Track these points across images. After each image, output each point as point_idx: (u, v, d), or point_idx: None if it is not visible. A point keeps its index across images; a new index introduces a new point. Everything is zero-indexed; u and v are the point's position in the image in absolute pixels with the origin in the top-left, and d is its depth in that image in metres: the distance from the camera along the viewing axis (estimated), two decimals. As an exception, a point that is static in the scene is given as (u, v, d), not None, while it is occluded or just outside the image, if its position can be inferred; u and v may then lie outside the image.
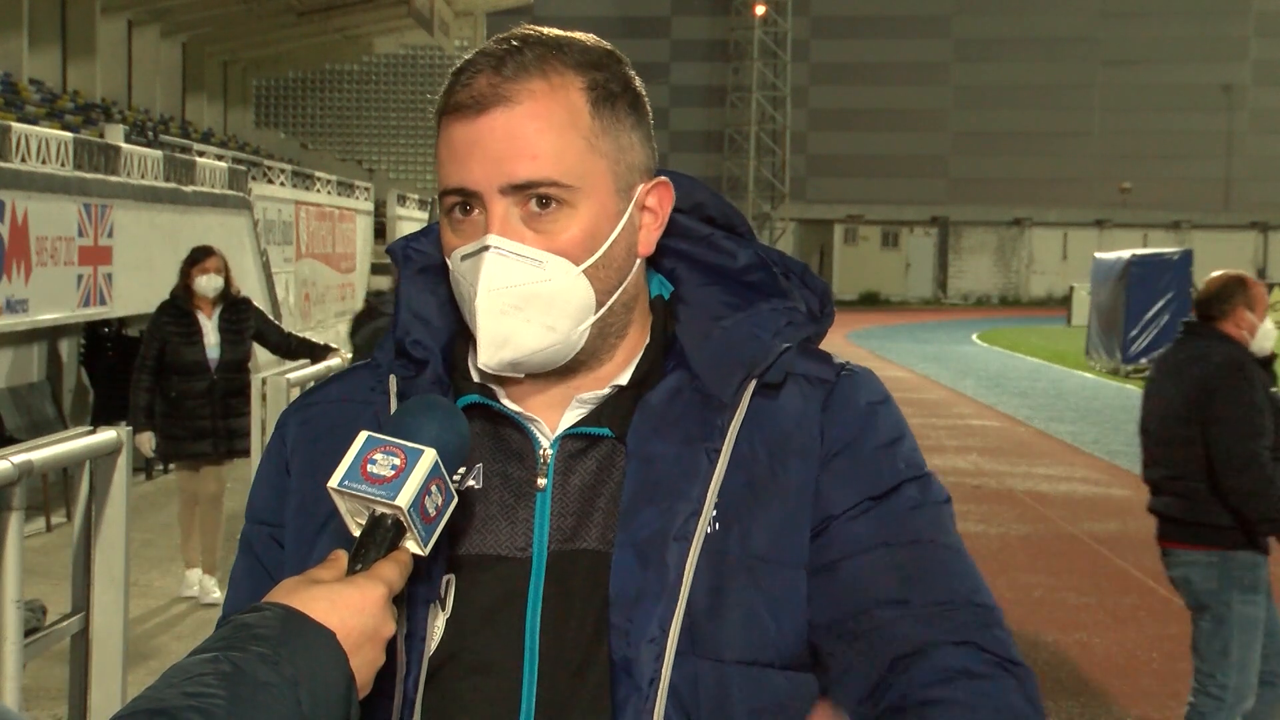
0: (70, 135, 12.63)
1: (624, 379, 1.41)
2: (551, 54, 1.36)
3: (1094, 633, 7.48)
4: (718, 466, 1.36)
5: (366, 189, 25.39)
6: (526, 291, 1.34)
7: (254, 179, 18.25)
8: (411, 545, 1.27)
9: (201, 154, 17.96)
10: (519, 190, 1.33)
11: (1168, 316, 23.70)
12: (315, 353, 8.57)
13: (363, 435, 1.27)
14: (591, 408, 1.40)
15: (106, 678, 4.20)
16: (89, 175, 12.39)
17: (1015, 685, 1.31)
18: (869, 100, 65.25)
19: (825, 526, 1.37)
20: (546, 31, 1.38)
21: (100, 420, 11.12)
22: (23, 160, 11.24)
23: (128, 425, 4.39)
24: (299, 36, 34.94)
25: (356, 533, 1.27)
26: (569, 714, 1.33)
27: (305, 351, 8.62)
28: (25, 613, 3.68)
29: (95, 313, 12.22)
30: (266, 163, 20.75)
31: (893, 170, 64.78)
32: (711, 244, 1.48)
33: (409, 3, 33.82)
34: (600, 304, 1.37)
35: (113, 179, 12.94)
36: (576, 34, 1.41)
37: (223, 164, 17.01)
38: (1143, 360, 23.87)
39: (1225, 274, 5.01)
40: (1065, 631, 7.50)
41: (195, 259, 8.23)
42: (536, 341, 1.35)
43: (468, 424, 1.32)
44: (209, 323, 8.19)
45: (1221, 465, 4.66)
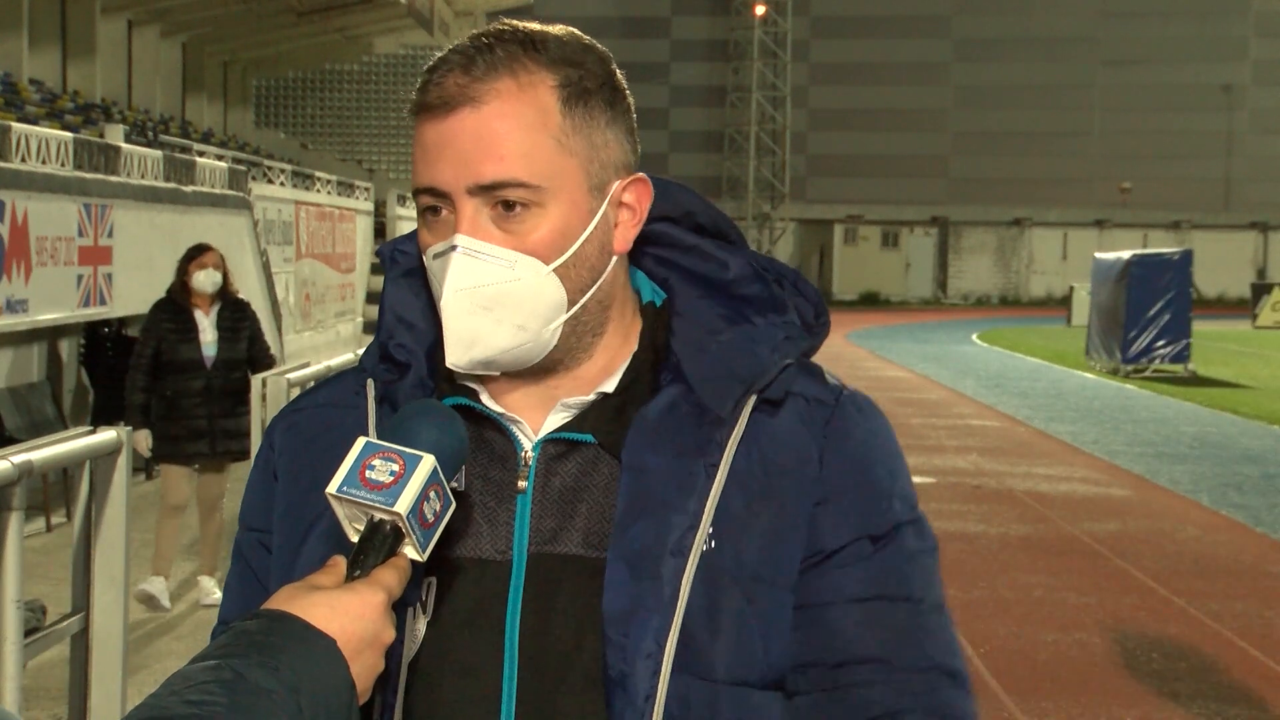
0: (70, 135, 12.62)
1: (610, 385, 1.39)
2: (523, 51, 1.33)
3: (1094, 633, 7.48)
4: (715, 481, 1.35)
5: (366, 189, 25.39)
6: (495, 291, 1.33)
7: (254, 179, 18.24)
8: (410, 551, 1.26)
9: (201, 154, 17.95)
10: (487, 191, 1.32)
11: (1168, 316, 23.69)
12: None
13: (361, 441, 1.26)
14: (575, 412, 1.39)
15: (106, 678, 4.20)
16: (89, 175, 12.38)
17: None
18: (869, 100, 65.25)
19: (818, 561, 1.37)
20: (522, 27, 1.36)
21: (100, 420, 11.11)
22: (23, 160, 11.24)
23: (126, 425, 4.39)
24: (299, 36, 34.92)
25: (354, 539, 1.26)
26: (549, 716, 1.32)
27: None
28: (25, 613, 3.68)
29: (95, 313, 12.21)
30: (266, 163, 20.74)
31: (893, 170, 64.77)
32: (701, 253, 1.46)
33: (409, 3, 33.80)
34: (572, 302, 1.36)
35: (113, 179, 12.93)
36: (554, 29, 1.38)
37: (223, 164, 17.00)
38: (1143, 360, 23.91)
39: None
40: (1065, 631, 7.49)
41: (193, 254, 8.07)
42: (506, 341, 1.34)
43: (465, 429, 1.31)
44: (206, 320, 8.01)
45: None
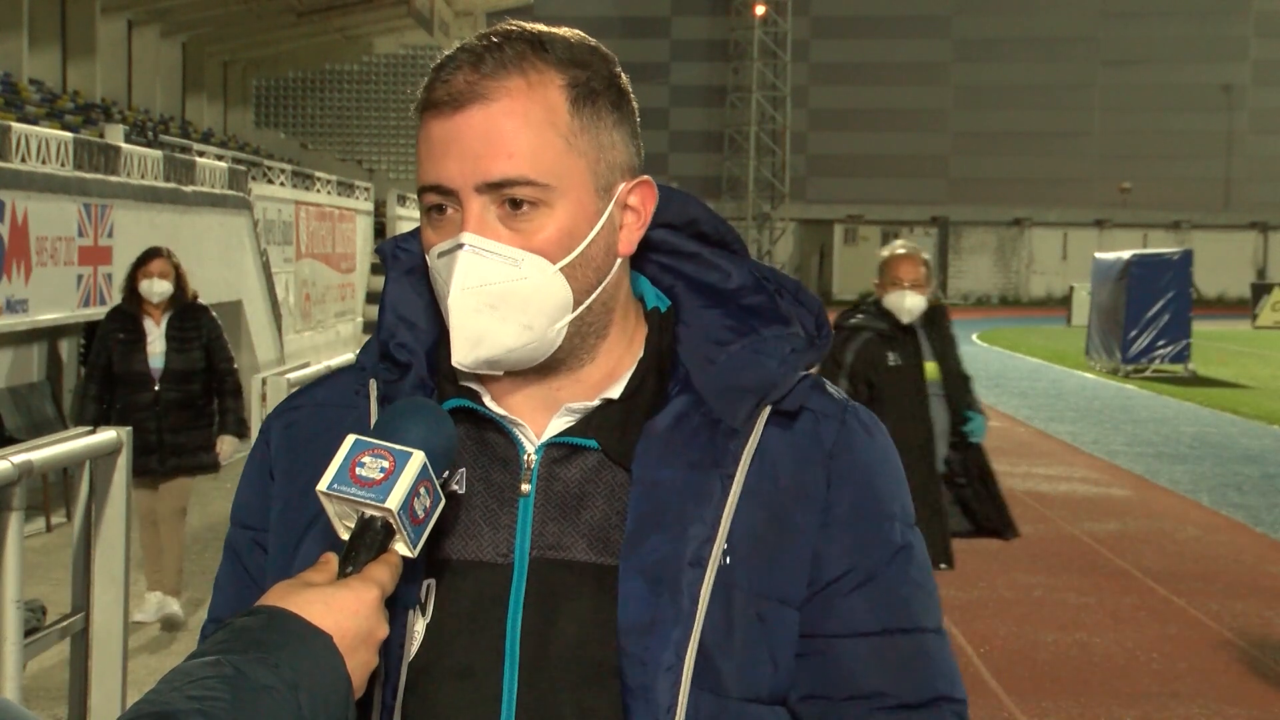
0: (70, 135, 12.63)
1: (615, 391, 1.39)
2: (532, 51, 1.33)
3: (1094, 633, 7.47)
4: (731, 494, 1.35)
5: (366, 189, 25.37)
6: (502, 290, 1.32)
7: (254, 179, 18.23)
8: (400, 547, 1.26)
9: (201, 154, 17.93)
10: (495, 189, 1.31)
11: (1168, 316, 23.69)
12: (224, 404, 7.67)
13: (350, 438, 1.26)
14: (579, 417, 1.39)
15: (106, 678, 4.20)
16: (89, 175, 12.39)
17: None
18: (869, 100, 65.25)
19: (824, 588, 1.38)
20: (530, 27, 1.36)
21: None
22: (23, 160, 11.25)
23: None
24: (299, 36, 34.92)
25: (345, 536, 1.26)
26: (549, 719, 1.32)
27: (222, 398, 7.68)
28: (25, 613, 3.69)
29: (95, 313, 12.19)
30: (266, 163, 20.72)
31: (893, 170, 64.77)
32: (703, 261, 1.46)
33: (409, 3, 33.80)
34: (578, 302, 1.35)
35: (113, 179, 12.94)
36: (561, 30, 1.38)
37: (223, 164, 17.00)
38: (1143, 360, 23.90)
39: None
40: (1065, 631, 7.49)
41: (140, 261, 7.63)
42: (512, 340, 1.33)
43: (454, 426, 1.31)
44: (156, 329, 7.52)
45: None
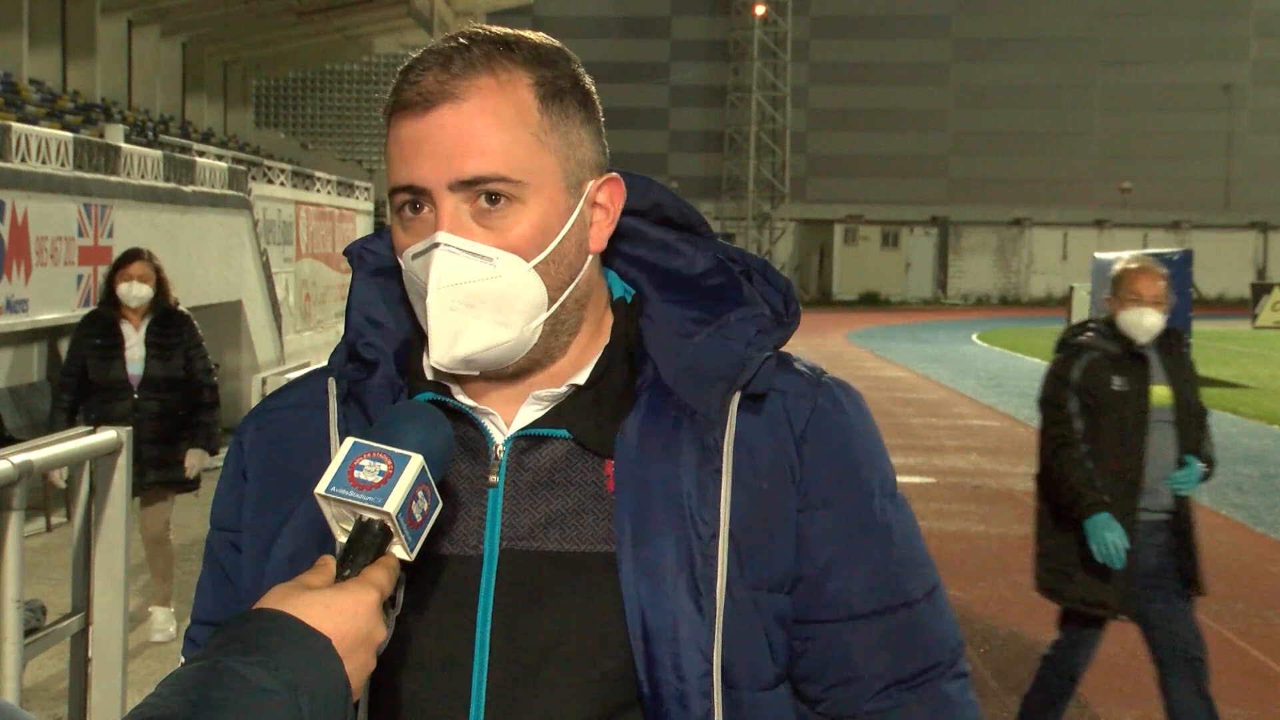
0: (70, 135, 12.63)
1: (581, 378, 1.40)
2: (499, 51, 1.35)
3: (1094, 633, 7.46)
4: (723, 486, 1.36)
5: (366, 189, 25.39)
6: (477, 288, 1.33)
7: (254, 179, 18.24)
8: (398, 550, 1.26)
9: (201, 154, 17.94)
10: (468, 186, 1.32)
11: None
12: (199, 416, 7.26)
13: (349, 441, 1.27)
14: (549, 406, 1.39)
15: (106, 678, 4.19)
16: (89, 175, 12.39)
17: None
18: (869, 100, 65.26)
19: (813, 571, 1.39)
20: (494, 29, 1.38)
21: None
22: (23, 160, 11.25)
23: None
24: (299, 36, 34.93)
25: (342, 539, 1.26)
26: (520, 711, 1.33)
27: (196, 411, 7.26)
28: (25, 613, 3.68)
29: (95, 313, 12.21)
30: (266, 163, 20.73)
31: (893, 170, 64.78)
32: (667, 248, 1.47)
33: (409, 3, 33.82)
34: (552, 300, 1.36)
35: (113, 179, 12.94)
36: (525, 32, 1.40)
37: (223, 164, 17.01)
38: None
39: None
40: (1065, 631, 7.47)
41: (119, 264, 7.25)
42: (489, 338, 1.34)
43: (451, 430, 1.31)
44: (135, 335, 7.14)
45: None
